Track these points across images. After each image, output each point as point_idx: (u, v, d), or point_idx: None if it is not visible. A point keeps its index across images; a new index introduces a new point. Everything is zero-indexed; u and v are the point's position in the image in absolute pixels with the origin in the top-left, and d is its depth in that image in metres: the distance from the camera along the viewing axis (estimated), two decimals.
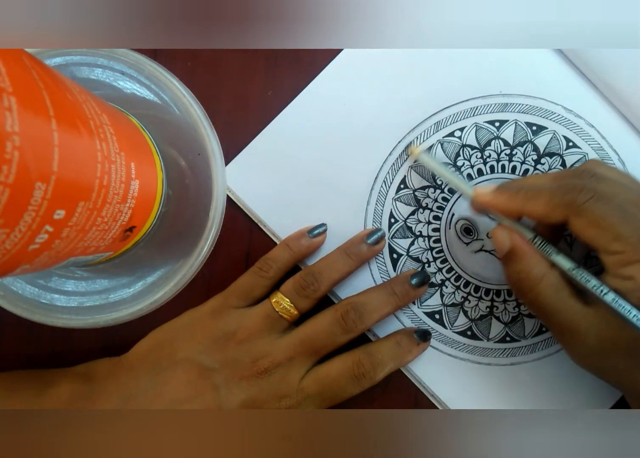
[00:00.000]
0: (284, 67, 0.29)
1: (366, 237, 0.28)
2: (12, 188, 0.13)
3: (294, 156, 0.29)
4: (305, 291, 0.26)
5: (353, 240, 0.28)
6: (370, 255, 0.28)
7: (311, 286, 0.26)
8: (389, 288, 0.27)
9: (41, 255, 0.17)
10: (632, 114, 0.28)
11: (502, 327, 0.29)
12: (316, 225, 0.28)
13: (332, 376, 0.26)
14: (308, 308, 0.27)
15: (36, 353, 0.29)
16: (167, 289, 0.27)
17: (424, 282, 0.28)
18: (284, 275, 0.28)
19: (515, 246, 0.24)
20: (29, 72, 0.15)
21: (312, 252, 0.28)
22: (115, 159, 0.19)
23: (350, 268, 0.27)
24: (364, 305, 0.26)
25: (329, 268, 0.27)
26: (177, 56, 0.29)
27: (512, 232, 0.24)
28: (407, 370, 0.29)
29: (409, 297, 0.28)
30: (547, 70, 0.29)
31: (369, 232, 0.28)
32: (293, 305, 0.26)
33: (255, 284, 0.27)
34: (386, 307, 0.27)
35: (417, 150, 0.27)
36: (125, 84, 0.27)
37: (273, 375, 0.26)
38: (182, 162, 0.27)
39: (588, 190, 0.21)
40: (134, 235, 0.24)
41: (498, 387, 0.29)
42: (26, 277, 0.27)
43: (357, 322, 0.26)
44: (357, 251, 0.27)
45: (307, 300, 0.27)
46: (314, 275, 0.27)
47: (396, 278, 0.28)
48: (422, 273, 0.28)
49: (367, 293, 0.27)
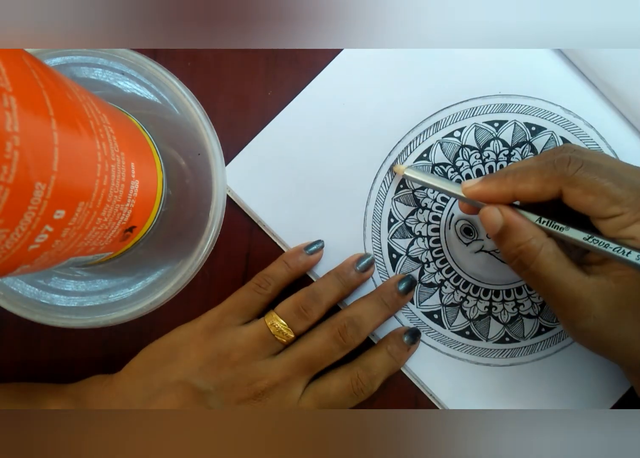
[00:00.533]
0: (284, 67, 0.29)
1: (355, 263, 0.28)
2: (12, 188, 0.13)
3: (294, 156, 0.29)
4: (307, 313, 0.26)
5: (344, 265, 0.28)
6: (360, 281, 0.28)
7: (312, 308, 0.26)
8: (379, 299, 0.27)
9: (41, 255, 0.17)
10: (631, 114, 0.28)
11: (501, 328, 0.29)
12: (313, 241, 0.28)
13: (332, 395, 0.26)
14: (304, 331, 0.27)
15: (36, 353, 0.29)
16: (167, 289, 0.27)
17: (412, 287, 0.28)
18: (280, 292, 0.28)
19: (509, 219, 0.23)
20: (29, 72, 0.15)
21: (309, 269, 0.28)
22: (115, 159, 0.19)
23: (343, 294, 0.27)
24: (360, 319, 0.26)
25: (327, 291, 0.27)
26: (177, 56, 0.29)
27: (503, 208, 0.24)
28: (406, 370, 0.29)
29: (399, 305, 0.28)
30: (547, 70, 0.29)
31: (358, 258, 0.28)
32: (289, 329, 0.26)
33: (253, 301, 0.27)
34: (379, 318, 0.27)
35: (402, 168, 0.28)
36: (125, 84, 0.27)
37: (271, 396, 0.25)
38: (182, 162, 0.27)
39: (576, 160, 0.22)
40: (134, 235, 0.24)
41: (498, 387, 0.29)
42: (26, 277, 0.27)
43: (354, 337, 0.26)
44: (347, 278, 0.27)
45: (306, 323, 0.26)
46: (314, 297, 0.26)
47: (384, 288, 0.28)
48: (409, 278, 0.28)
49: (360, 305, 0.27)
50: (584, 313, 0.22)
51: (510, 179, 0.23)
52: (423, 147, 0.29)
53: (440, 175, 0.29)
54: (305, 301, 0.26)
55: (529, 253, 0.23)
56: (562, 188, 0.22)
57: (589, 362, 0.28)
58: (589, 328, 0.22)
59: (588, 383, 0.28)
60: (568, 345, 0.29)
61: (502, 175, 0.24)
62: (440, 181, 0.26)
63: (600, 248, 0.22)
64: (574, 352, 0.29)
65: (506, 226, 0.23)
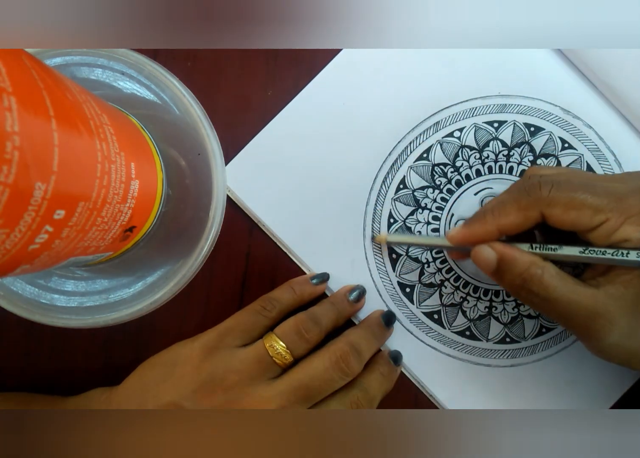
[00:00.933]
0: (284, 67, 0.29)
1: (348, 293, 0.28)
2: (12, 188, 0.13)
3: (294, 156, 0.29)
4: (307, 335, 0.26)
5: (336, 295, 0.28)
6: (353, 312, 0.28)
7: (313, 330, 0.26)
8: (370, 331, 0.27)
9: (41, 255, 0.17)
10: (631, 114, 0.28)
11: (501, 328, 0.29)
12: (319, 273, 0.29)
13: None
14: (303, 354, 0.26)
15: (36, 353, 0.29)
16: (167, 289, 0.27)
17: (392, 320, 0.28)
18: (283, 317, 0.27)
19: (502, 252, 0.23)
20: (29, 72, 0.15)
21: (313, 299, 0.28)
22: (115, 159, 0.19)
23: (339, 322, 0.28)
24: (360, 346, 0.26)
25: (326, 316, 0.27)
26: (177, 56, 0.29)
27: (492, 244, 0.24)
28: (406, 370, 0.29)
29: (384, 339, 0.28)
30: (546, 70, 0.29)
31: (350, 289, 0.28)
32: (289, 351, 0.25)
33: (256, 322, 0.27)
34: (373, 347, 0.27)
35: (383, 237, 0.28)
36: (125, 84, 0.27)
37: None
38: (182, 162, 0.27)
39: (546, 182, 0.22)
40: (134, 235, 0.24)
41: (498, 388, 0.29)
42: (26, 277, 0.27)
43: (357, 365, 0.26)
44: (342, 307, 0.28)
45: (306, 346, 0.26)
46: (315, 319, 0.26)
47: (369, 319, 0.28)
48: (389, 312, 0.29)
49: (356, 332, 0.27)
50: (606, 328, 0.21)
51: (490, 217, 0.23)
52: (423, 147, 0.29)
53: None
54: (306, 323, 0.26)
55: (533, 280, 0.22)
56: (543, 211, 0.22)
57: (589, 362, 0.28)
58: (617, 343, 0.22)
59: (588, 383, 0.28)
60: (569, 346, 0.29)
61: (482, 216, 0.24)
62: (424, 238, 0.27)
63: (599, 256, 0.22)
64: (575, 353, 0.29)
65: (501, 260, 0.23)
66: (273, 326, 0.27)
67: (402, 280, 0.29)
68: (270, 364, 0.25)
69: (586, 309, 0.22)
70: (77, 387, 0.28)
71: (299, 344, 0.26)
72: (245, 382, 0.25)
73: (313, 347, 0.26)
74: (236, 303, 0.29)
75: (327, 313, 0.27)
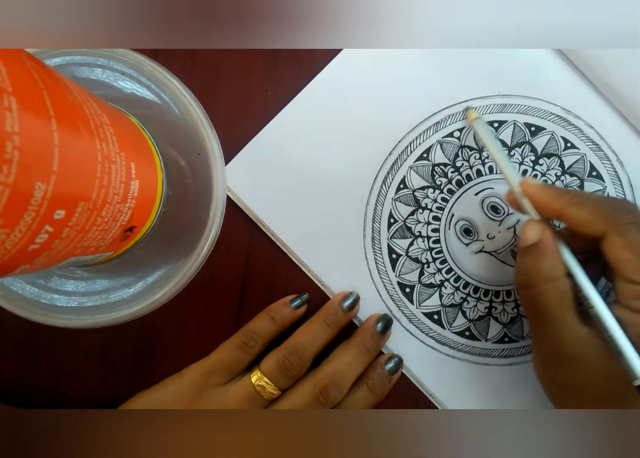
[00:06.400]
0: (284, 67, 0.29)
1: (342, 301, 0.28)
2: (12, 188, 0.13)
3: (294, 156, 0.29)
4: (290, 372, 0.26)
5: (329, 306, 0.28)
6: (347, 321, 0.28)
7: (296, 367, 0.26)
8: (362, 346, 0.27)
9: (41, 255, 0.17)
10: (631, 114, 0.28)
11: (500, 328, 0.29)
12: (297, 295, 0.28)
13: None
14: (289, 386, 0.27)
15: (36, 353, 0.29)
16: (167, 289, 0.27)
17: (389, 326, 0.28)
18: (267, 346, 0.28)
19: (544, 241, 0.23)
20: (29, 72, 0.15)
21: (294, 322, 0.28)
22: (115, 159, 0.19)
23: (329, 337, 0.27)
24: (342, 375, 0.26)
25: (313, 342, 0.27)
26: (177, 56, 0.29)
27: (545, 228, 0.24)
28: (406, 370, 0.29)
29: (379, 347, 0.28)
30: (546, 70, 0.29)
31: (343, 297, 0.28)
32: (274, 386, 0.26)
33: (240, 360, 0.27)
34: (361, 367, 0.27)
35: (473, 115, 0.27)
36: (125, 84, 0.27)
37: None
38: (182, 162, 0.27)
39: (635, 215, 0.22)
40: (134, 235, 0.24)
41: (497, 387, 0.29)
42: (26, 277, 0.27)
43: (336, 396, 0.26)
44: (335, 319, 0.27)
45: (290, 381, 0.27)
46: (298, 354, 0.26)
47: (363, 331, 0.28)
48: (385, 317, 0.28)
49: (341, 358, 0.27)
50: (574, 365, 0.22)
51: (567, 198, 0.23)
52: (423, 147, 0.29)
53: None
54: (288, 362, 0.26)
55: (538, 278, 0.23)
56: (607, 233, 0.22)
57: None
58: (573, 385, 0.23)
59: None
60: None
61: (562, 192, 0.23)
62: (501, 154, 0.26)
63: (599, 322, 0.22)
64: None
65: (537, 245, 0.23)
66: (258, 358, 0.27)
67: (402, 280, 0.29)
68: (258, 399, 0.26)
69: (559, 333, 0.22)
70: (77, 387, 0.28)
71: (284, 381, 0.26)
72: None
73: (300, 377, 0.27)
74: (236, 303, 0.29)
75: (315, 338, 0.27)
